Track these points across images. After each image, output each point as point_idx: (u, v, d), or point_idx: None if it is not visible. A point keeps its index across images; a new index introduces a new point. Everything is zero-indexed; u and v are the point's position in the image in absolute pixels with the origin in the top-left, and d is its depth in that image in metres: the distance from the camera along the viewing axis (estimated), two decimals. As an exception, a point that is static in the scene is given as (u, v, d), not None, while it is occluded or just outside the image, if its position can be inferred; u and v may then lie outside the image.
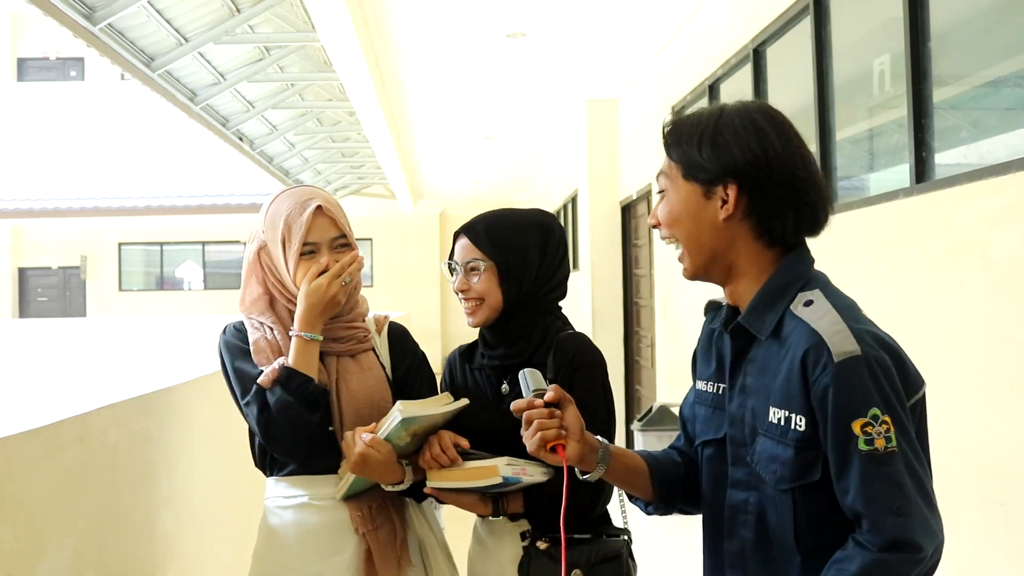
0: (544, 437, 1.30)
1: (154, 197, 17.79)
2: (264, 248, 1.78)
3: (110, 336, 12.83)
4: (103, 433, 1.68)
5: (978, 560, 2.69)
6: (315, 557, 1.73)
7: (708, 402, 1.39)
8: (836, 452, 1.16)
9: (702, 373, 1.43)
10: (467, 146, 10.81)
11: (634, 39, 6.52)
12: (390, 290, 17.67)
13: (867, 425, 1.14)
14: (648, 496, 1.45)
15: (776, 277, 1.28)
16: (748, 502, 1.29)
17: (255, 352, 1.72)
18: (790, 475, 1.21)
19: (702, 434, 1.40)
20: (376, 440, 1.64)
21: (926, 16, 3.05)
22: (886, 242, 3.28)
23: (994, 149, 2.90)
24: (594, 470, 1.36)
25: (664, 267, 6.60)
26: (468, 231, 1.86)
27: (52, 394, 5.60)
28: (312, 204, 1.74)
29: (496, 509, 1.76)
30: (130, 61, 6.53)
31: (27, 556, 1.38)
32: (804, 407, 1.19)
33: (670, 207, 1.34)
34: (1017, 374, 2.53)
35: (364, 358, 1.82)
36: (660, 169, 1.37)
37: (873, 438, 1.14)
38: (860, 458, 1.14)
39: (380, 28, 6.27)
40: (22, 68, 21.81)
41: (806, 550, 1.22)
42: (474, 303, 1.83)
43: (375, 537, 1.75)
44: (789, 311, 1.25)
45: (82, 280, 18.74)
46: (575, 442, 1.31)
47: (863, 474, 1.14)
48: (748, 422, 1.28)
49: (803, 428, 1.19)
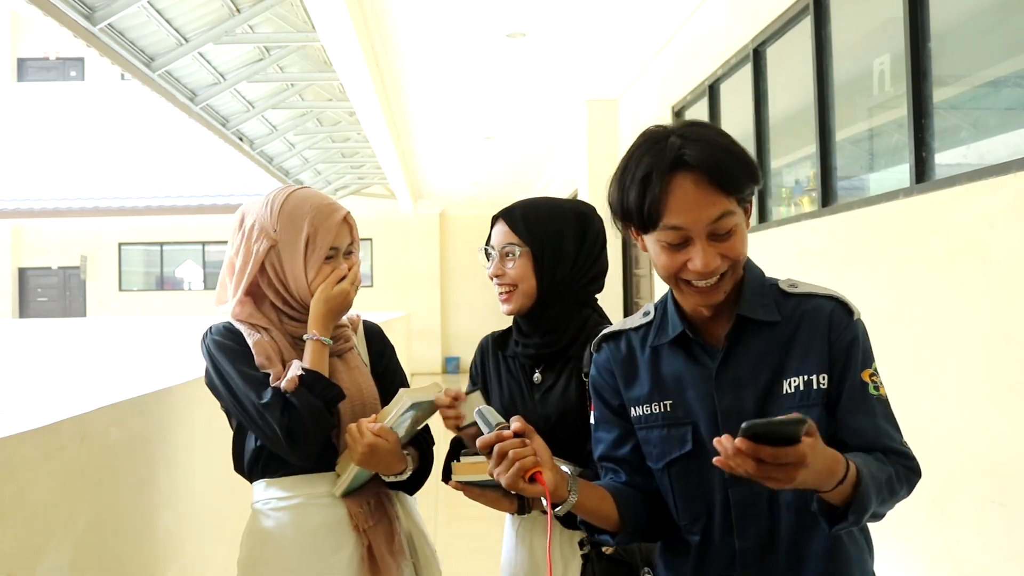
0: (523, 465, 1.28)
1: (154, 197, 17.79)
2: (274, 247, 1.74)
3: (110, 336, 12.84)
4: (103, 433, 1.68)
5: (978, 560, 2.69)
6: (315, 557, 1.72)
7: (658, 422, 1.39)
8: (851, 397, 1.30)
9: (634, 399, 1.41)
10: (467, 146, 10.82)
11: (634, 39, 6.52)
12: (390, 290, 17.68)
13: (873, 375, 1.32)
14: (614, 526, 1.42)
15: (753, 272, 1.38)
16: (756, 495, 1.31)
17: (258, 354, 1.70)
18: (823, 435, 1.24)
19: (664, 456, 1.38)
20: (384, 429, 1.65)
21: (926, 16, 3.05)
22: (886, 242, 3.28)
23: (994, 149, 2.90)
24: (566, 499, 1.34)
25: (664, 267, 6.60)
26: (505, 215, 1.85)
27: (52, 394, 5.60)
28: (339, 213, 1.77)
29: (522, 506, 1.76)
30: (130, 61, 6.53)
31: (27, 556, 1.38)
32: (825, 365, 1.31)
33: (740, 240, 1.30)
34: (1017, 374, 2.53)
35: (350, 357, 1.82)
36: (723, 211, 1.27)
37: (878, 385, 1.32)
38: (872, 401, 1.30)
39: (380, 28, 6.27)
40: (22, 68, 21.82)
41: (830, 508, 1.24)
42: (508, 289, 1.81)
43: (375, 533, 1.75)
44: (782, 293, 1.37)
45: (82, 280, 18.74)
46: (548, 471, 1.30)
47: (877, 414, 1.30)
48: (750, 410, 1.32)
49: (826, 385, 1.31)
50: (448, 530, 5.43)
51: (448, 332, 17.76)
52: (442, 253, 17.97)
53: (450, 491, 1.74)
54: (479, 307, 17.37)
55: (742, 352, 1.34)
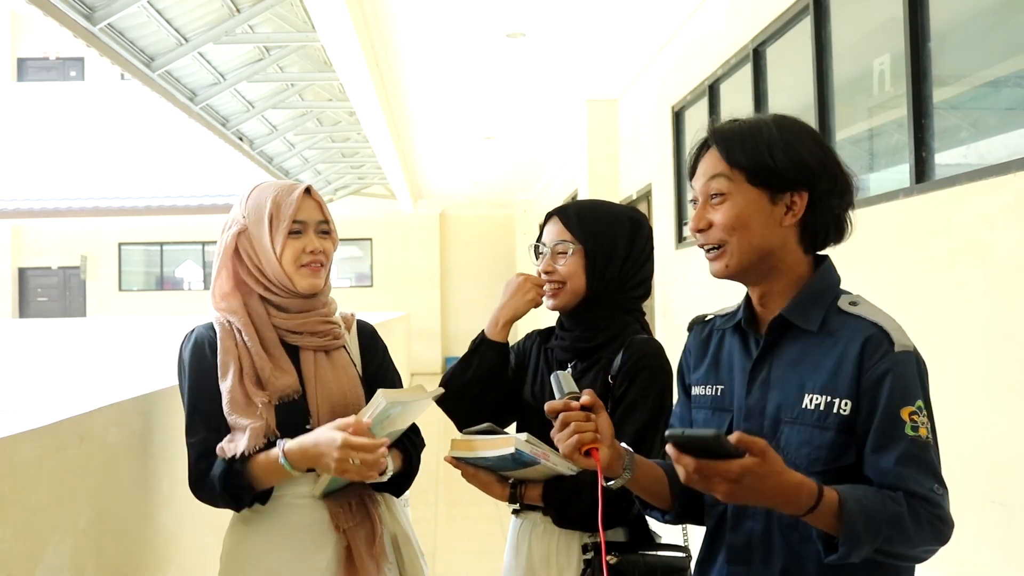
0: (581, 440, 1.31)
1: (154, 197, 17.79)
2: (244, 232, 1.76)
3: (110, 336, 12.83)
4: (103, 433, 1.68)
5: (978, 560, 2.69)
6: (295, 557, 1.71)
7: (707, 405, 1.45)
8: (880, 432, 1.24)
9: (699, 379, 1.48)
10: (467, 146, 10.82)
11: (634, 39, 6.52)
12: (390, 290, 17.67)
13: (914, 414, 1.24)
14: (666, 505, 1.47)
15: (821, 279, 1.37)
16: None
17: (222, 364, 1.69)
18: (826, 457, 1.27)
19: None
20: (361, 424, 1.61)
21: (926, 16, 3.05)
22: (886, 242, 3.28)
23: (994, 149, 2.90)
24: (620, 476, 1.38)
25: (664, 267, 6.60)
26: (560, 213, 1.87)
27: (52, 394, 5.60)
28: (300, 187, 1.78)
29: (514, 495, 1.76)
30: (130, 61, 6.53)
31: (27, 556, 1.38)
32: (852, 391, 1.26)
33: (738, 211, 1.34)
34: (1017, 374, 2.53)
35: (337, 356, 1.81)
36: (714, 173, 1.36)
37: (918, 426, 1.24)
38: (906, 442, 1.23)
39: (380, 28, 6.27)
40: (22, 68, 21.81)
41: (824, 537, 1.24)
42: (556, 286, 1.83)
43: (355, 534, 1.73)
44: (836, 308, 1.34)
45: (82, 280, 18.73)
46: (607, 447, 1.33)
47: (906, 455, 1.23)
48: (770, 414, 1.34)
49: (847, 412, 1.26)
50: (448, 530, 5.43)
51: (448, 332, 17.76)
52: (442, 253, 17.96)
53: (450, 491, 1.75)
54: (479, 307, 17.36)
55: (780, 353, 1.35)
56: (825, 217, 1.36)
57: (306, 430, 1.71)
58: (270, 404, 1.69)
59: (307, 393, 1.74)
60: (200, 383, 1.71)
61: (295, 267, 1.74)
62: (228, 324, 1.74)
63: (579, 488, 1.70)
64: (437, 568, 4.66)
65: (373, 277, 18.12)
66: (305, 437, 1.64)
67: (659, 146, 6.68)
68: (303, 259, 1.74)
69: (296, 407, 1.73)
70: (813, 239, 1.37)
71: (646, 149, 7.14)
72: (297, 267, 1.74)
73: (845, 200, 1.38)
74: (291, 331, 1.77)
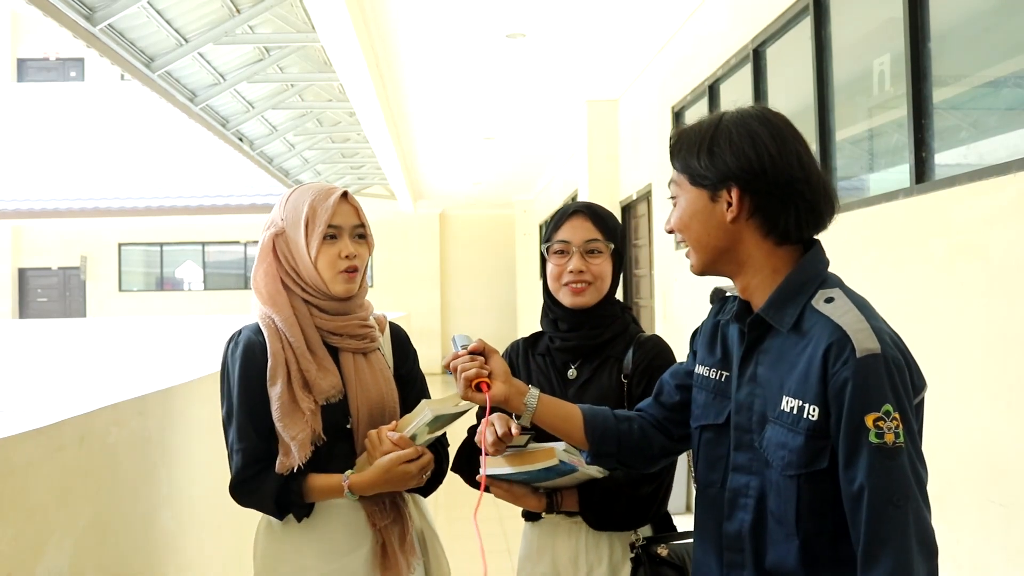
0: (467, 377, 1.48)
1: (154, 197, 17.78)
2: (281, 234, 1.78)
3: (110, 336, 12.82)
4: (103, 433, 1.68)
5: (978, 560, 2.69)
6: (332, 556, 1.74)
7: (709, 388, 1.46)
8: (847, 442, 1.21)
9: (704, 359, 1.49)
10: (467, 146, 10.81)
11: (634, 39, 6.52)
12: (390, 290, 17.67)
13: (879, 420, 1.20)
14: (583, 445, 1.56)
15: (795, 274, 1.34)
16: (749, 486, 1.35)
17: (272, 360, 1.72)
18: (797, 462, 1.27)
19: (700, 418, 1.47)
20: (403, 439, 1.69)
21: (926, 16, 3.05)
22: (886, 242, 3.28)
23: (994, 149, 2.90)
24: (524, 412, 1.51)
25: (664, 267, 6.60)
26: (588, 210, 1.89)
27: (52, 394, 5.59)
28: (338, 191, 1.80)
29: (551, 505, 1.76)
30: (130, 61, 6.53)
31: (27, 556, 1.38)
32: (819, 398, 1.24)
33: (681, 212, 1.41)
34: (1017, 374, 2.53)
35: (374, 358, 1.84)
36: (671, 178, 1.44)
37: (883, 432, 1.19)
38: (869, 450, 1.19)
39: (380, 28, 6.27)
40: (22, 68, 21.80)
41: (806, 535, 1.27)
42: (586, 284, 1.85)
43: (390, 532, 1.77)
44: (810, 306, 1.30)
45: (82, 280, 18.73)
46: (500, 383, 1.49)
47: (870, 465, 1.19)
48: (757, 410, 1.34)
49: (815, 418, 1.24)
50: (448, 531, 5.43)
51: (448, 332, 17.74)
52: (442, 253, 17.95)
53: (450, 492, 1.75)
54: (479, 307, 17.37)
55: (764, 350, 1.36)
56: (772, 208, 1.32)
57: (346, 430, 1.77)
58: (317, 409, 1.72)
59: (348, 394, 1.78)
60: (250, 388, 1.73)
61: (331, 272, 1.76)
62: (273, 324, 1.75)
63: (615, 491, 1.72)
64: (437, 568, 4.66)
65: (373, 277, 18.13)
66: (369, 473, 1.70)
67: (659, 146, 6.68)
68: (339, 265, 1.76)
69: (338, 408, 1.77)
70: (775, 231, 1.33)
71: (646, 149, 7.14)
72: (335, 273, 1.76)
73: (796, 190, 1.32)
74: (332, 332, 1.80)
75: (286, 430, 1.68)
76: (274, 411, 1.69)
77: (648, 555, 1.70)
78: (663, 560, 1.69)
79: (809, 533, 1.26)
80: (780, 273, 1.35)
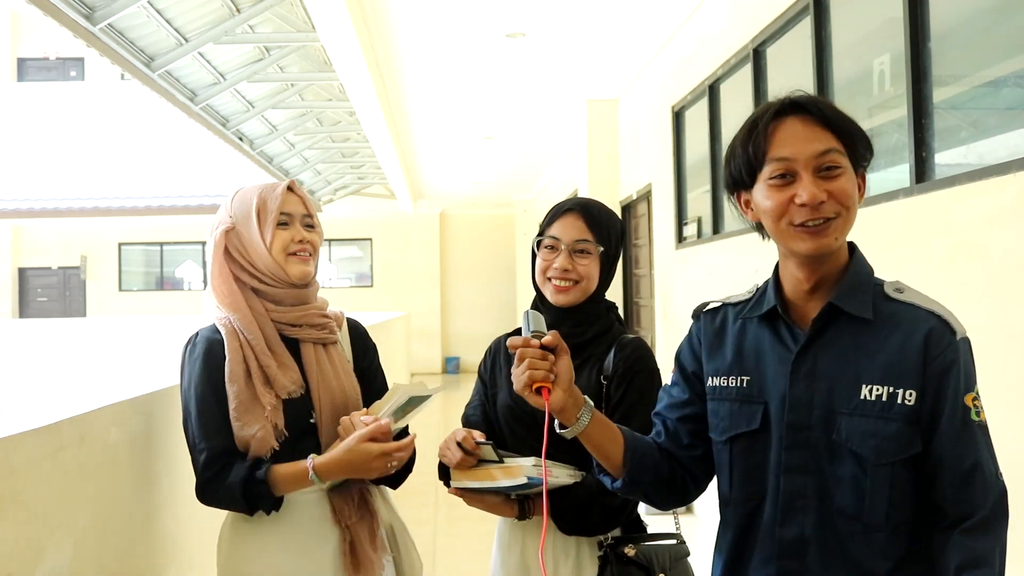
0: (532, 376, 1.31)
1: (154, 197, 17.77)
2: (232, 230, 1.81)
3: (110, 336, 12.82)
4: (103, 433, 1.68)
5: (978, 560, 2.69)
6: (298, 552, 1.73)
7: (731, 396, 1.40)
8: (952, 423, 1.25)
9: (717, 370, 1.42)
10: (467, 146, 10.81)
11: (634, 39, 6.52)
12: (390, 290, 17.67)
13: (976, 399, 1.27)
14: (616, 471, 1.44)
15: (859, 265, 1.34)
16: (807, 486, 1.30)
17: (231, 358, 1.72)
18: (893, 449, 1.25)
19: (730, 428, 1.39)
20: (380, 427, 1.67)
21: (926, 16, 3.05)
22: (886, 242, 3.28)
23: (994, 149, 2.90)
24: (573, 425, 1.36)
25: (664, 267, 6.60)
26: (582, 210, 1.85)
27: (52, 394, 5.59)
28: (284, 183, 1.84)
29: (522, 512, 1.76)
30: (130, 61, 6.53)
31: (27, 556, 1.38)
32: (917, 382, 1.25)
33: (851, 185, 1.30)
34: (1017, 374, 2.53)
35: (333, 351, 1.85)
36: (828, 147, 1.29)
37: (979, 410, 1.27)
38: (975, 428, 1.26)
39: (380, 28, 6.27)
40: (22, 68, 21.79)
41: (895, 524, 1.26)
42: (571, 283, 1.83)
43: (358, 528, 1.76)
44: (883, 295, 1.31)
45: (82, 280, 18.73)
46: (561, 390, 1.33)
47: (979, 443, 1.25)
48: (820, 404, 1.30)
49: (912, 403, 1.25)
50: (448, 530, 5.43)
51: (448, 332, 17.75)
52: (442, 253, 17.95)
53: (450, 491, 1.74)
54: (479, 307, 17.37)
55: (827, 342, 1.31)
56: None
57: (310, 424, 1.75)
58: (279, 404, 1.72)
59: (310, 387, 1.77)
60: (210, 389, 1.73)
61: (284, 255, 1.79)
62: (230, 324, 1.76)
63: (587, 498, 1.71)
64: (437, 568, 4.66)
65: (373, 277, 18.12)
66: (333, 452, 1.67)
67: (659, 146, 6.68)
68: (292, 247, 1.79)
69: (300, 402, 1.76)
70: None
71: (646, 149, 7.14)
72: (287, 255, 1.79)
73: None
74: (290, 324, 1.80)
75: (245, 427, 1.68)
76: (232, 409, 1.69)
77: (616, 555, 1.70)
78: (630, 560, 1.69)
79: (898, 523, 1.26)
80: (843, 266, 1.34)
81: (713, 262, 5.28)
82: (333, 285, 17.87)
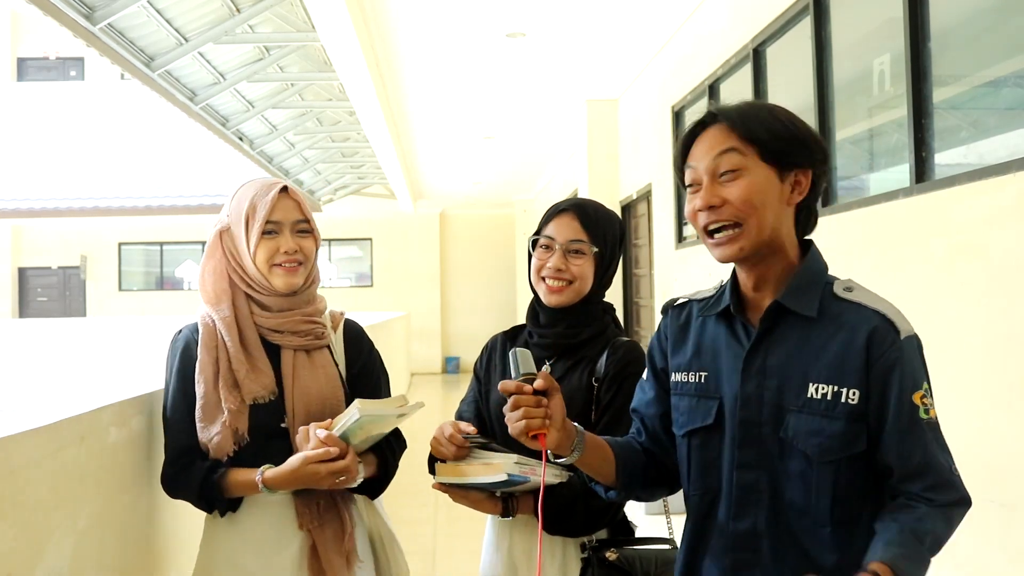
0: (529, 426, 1.32)
1: (154, 197, 17.76)
2: (227, 230, 1.79)
3: (110, 336, 12.82)
4: (103, 433, 1.68)
5: (978, 560, 2.69)
6: (261, 553, 1.74)
7: (691, 392, 1.42)
8: (899, 422, 1.25)
9: (679, 366, 1.45)
10: (467, 146, 10.81)
11: (634, 39, 6.52)
12: (390, 290, 17.66)
13: (924, 396, 1.26)
14: (610, 482, 1.48)
15: (811, 264, 1.35)
16: (759, 481, 1.32)
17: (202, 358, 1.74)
18: (838, 447, 1.27)
19: (687, 423, 1.42)
20: (331, 437, 1.65)
21: (926, 16, 3.05)
22: (886, 242, 3.28)
23: (994, 149, 2.90)
24: (569, 456, 1.39)
25: (664, 267, 6.60)
26: (578, 210, 1.84)
27: (52, 394, 5.59)
28: (277, 186, 1.78)
29: (506, 509, 1.75)
30: (130, 61, 6.53)
31: (27, 556, 1.38)
32: (861, 381, 1.26)
33: (749, 187, 1.30)
34: (1017, 374, 2.53)
35: (318, 355, 1.82)
36: (724, 147, 1.31)
37: (928, 408, 1.26)
38: (923, 426, 1.25)
39: (380, 28, 6.27)
40: (22, 68, 21.79)
41: (838, 520, 1.27)
42: (565, 284, 1.81)
43: (320, 533, 1.74)
44: (831, 294, 1.32)
45: (82, 280, 18.73)
46: (556, 431, 1.34)
47: (927, 441, 1.24)
48: (769, 401, 1.32)
49: (855, 401, 1.26)
50: (448, 530, 5.43)
51: (448, 332, 17.75)
52: (442, 253, 17.95)
53: (450, 491, 1.74)
54: (479, 307, 17.37)
55: (775, 340, 1.33)
56: (815, 199, 1.35)
57: (281, 428, 1.75)
58: (243, 407, 1.72)
59: (284, 392, 1.76)
60: (183, 386, 1.75)
61: (268, 267, 1.76)
62: (211, 323, 1.76)
63: (571, 499, 1.71)
64: (437, 568, 4.66)
65: (373, 277, 18.12)
66: (282, 468, 1.68)
67: (659, 146, 6.68)
68: (277, 258, 1.75)
69: (272, 406, 1.75)
70: (805, 223, 1.36)
71: (646, 149, 7.14)
72: (270, 267, 1.76)
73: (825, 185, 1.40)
74: (273, 330, 1.79)
75: (206, 430, 1.70)
76: (198, 408, 1.71)
77: (598, 558, 1.70)
78: (611, 564, 1.69)
79: (841, 520, 1.27)
80: (793, 265, 1.34)
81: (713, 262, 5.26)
82: (333, 285, 17.87)
